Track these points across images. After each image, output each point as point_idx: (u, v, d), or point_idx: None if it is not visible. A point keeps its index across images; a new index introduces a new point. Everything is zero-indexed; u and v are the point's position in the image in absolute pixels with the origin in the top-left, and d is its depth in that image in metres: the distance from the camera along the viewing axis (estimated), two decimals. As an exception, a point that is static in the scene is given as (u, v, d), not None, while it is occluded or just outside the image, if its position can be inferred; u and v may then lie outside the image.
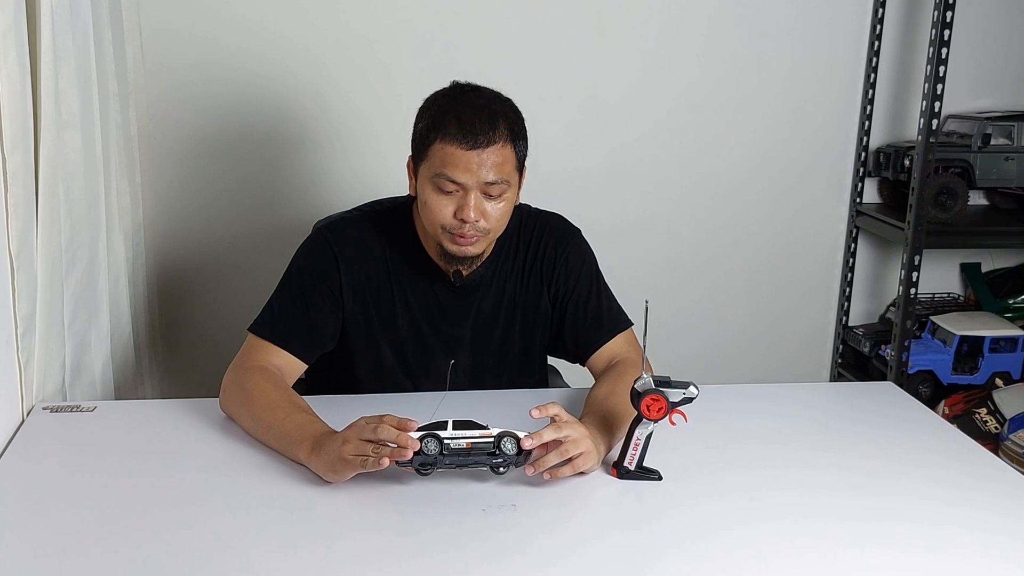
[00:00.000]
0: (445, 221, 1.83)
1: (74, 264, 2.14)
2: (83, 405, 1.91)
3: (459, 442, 1.54)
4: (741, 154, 3.28)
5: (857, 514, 1.57)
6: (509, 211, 1.88)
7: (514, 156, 1.84)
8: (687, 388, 1.60)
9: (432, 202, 1.83)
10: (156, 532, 1.45)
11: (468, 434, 1.54)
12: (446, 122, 1.80)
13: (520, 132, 1.87)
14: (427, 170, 1.83)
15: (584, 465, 1.61)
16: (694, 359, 3.32)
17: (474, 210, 1.81)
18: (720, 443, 1.81)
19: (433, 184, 1.82)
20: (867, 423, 1.95)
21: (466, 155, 1.78)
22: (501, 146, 1.80)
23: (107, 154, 2.35)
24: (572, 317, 2.04)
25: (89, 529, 1.46)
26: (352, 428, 1.56)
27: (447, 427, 1.54)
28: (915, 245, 3.00)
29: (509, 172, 1.83)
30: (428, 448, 1.52)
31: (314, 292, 1.93)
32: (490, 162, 1.79)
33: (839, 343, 3.50)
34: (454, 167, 1.79)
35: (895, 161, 3.15)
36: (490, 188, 1.81)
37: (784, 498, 1.61)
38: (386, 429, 1.52)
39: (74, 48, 2.10)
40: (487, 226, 1.84)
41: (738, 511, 1.56)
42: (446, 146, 1.79)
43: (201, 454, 1.72)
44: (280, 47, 2.95)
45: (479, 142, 1.78)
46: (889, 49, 3.26)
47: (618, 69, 3.14)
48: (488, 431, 1.55)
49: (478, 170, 1.79)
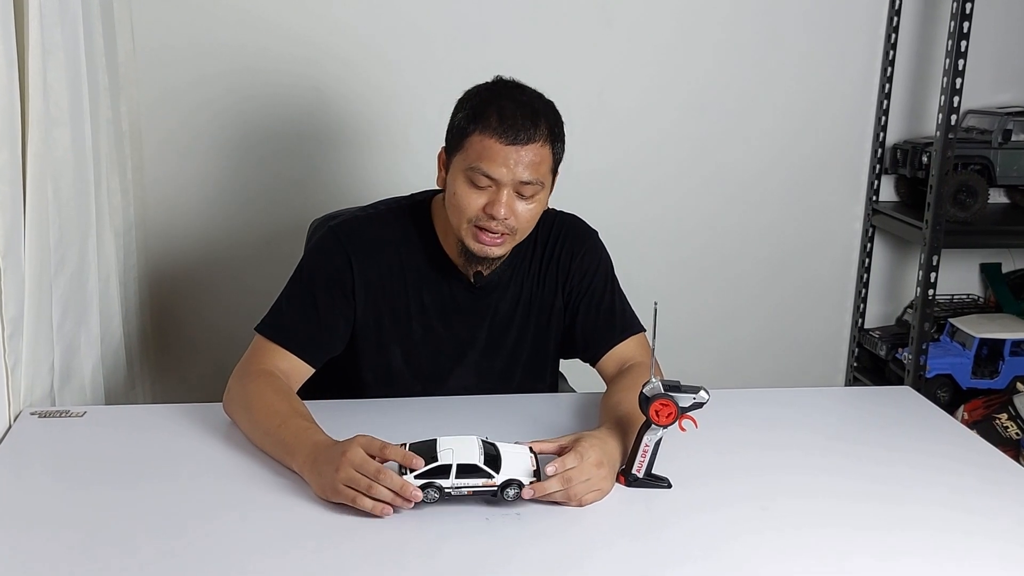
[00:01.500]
0: (472, 213, 1.83)
1: (63, 264, 2.14)
2: (72, 410, 1.91)
3: (460, 490, 1.53)
4: (753, 152, 3.28)
5: (873, 523, 1.56)
6: (539, 213, 1.89)
7: (551, 157, 1.86)
8: (697, 393, 1.60)
9: (462, 194, 1.83)
10: (149, 543, 1.45)
11: (471, 483, 1.53)
12: (487, 115, 1.81)
13: (559, 134, 1.88)
14: (461, 162, 1.83)
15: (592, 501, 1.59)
16: (705, 363, 3.32)
17: (505, 207, 1.81)
18: (732, 450, 1.81)
19: (466, 177, 1.82)
20: (883, 429, 1.95)
21: (504, 150, 1.79)
22: (540, 145, 1.81)
23: (97, 151, 2.35)
24: (584, 317, 2.04)
25: (78, 539, 1.45)
26: (351, 456, 1.53)
27: (450, 472, 1.52)
28: (933, 245, 2.99)
29: (544, 173, 1.84)
30: (428, 498, 1.51)
31: (325, 294, 1.93)
32: (527, 160, 1.80)
33: (854, 346, 3.49)
34: (491, 161, 1.79)
35: (912, 158, 3.14)
36: (524, 188, 1.82)
37: (798, 507, 1.61)
38: (388, 477, 1.50)
39: (63, 41, 2.10)
40: (516, 225, 1.84)
41: (750, 520, 1.56)
42: (485, 139, 1.80)
43: (195, 461, 1.72)
44: (278, 39, 2.95)
45: (519, 138, 1.79)
46: (906, 42, 3.26)
47: (627, 66, 3.14)
48: (492, 480, 1.53)
49: (515, 167, 1.79)
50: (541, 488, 1.55)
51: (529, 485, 1.54)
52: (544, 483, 1.55)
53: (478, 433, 1.60)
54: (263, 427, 1.72)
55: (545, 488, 1.55)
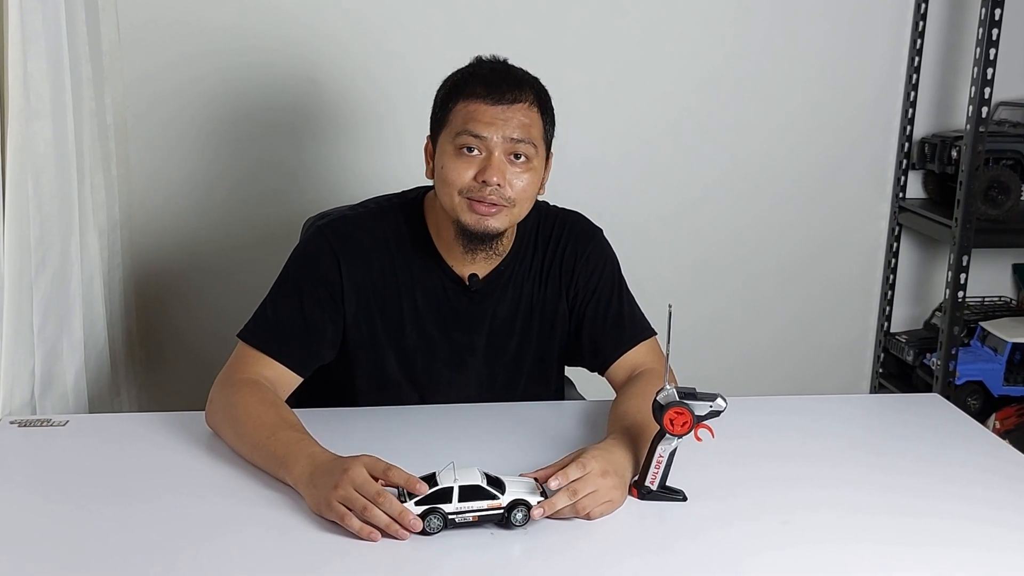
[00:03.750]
0: (463, 183, 1.82)
1: (44, 265, 2.14)
2: (54, 419, 1.90)
3: (465, 516, 1.51)
4: (772, 145, 3.27)
5: (900, 538, 1.56)
6: (534, 186, 1.88)
7: (541, 124, 1.86)
8: (714, 401, 1.59)
9: (451, 165, 1.83)
10: (133, 560, 1.44)
11: (475, 507, 1.51)
12: (469, 83, 1.84)
13: (548, 106, 1.89)
14: (448, 135, 1.84)
15: (603, 514, 1.59)
16: (722, 369, 3.31)
17: (497, 172, 1.81)
18: (750, 461, 1.81)
19: (454, 147, 1.83)
20: (911, 439, 1.95)
21: (491, 110, 1.81)
22: (528, 106, 1.83)
23: (80, 145, 2.35)
24: (591, 323, 2.03)
25: (59, 556, 1.45)
26: (353, 475, 1.51)
27: (452, 495, 1.51)
28: (963, 244, 2.99)
29: (536, 137, 1.84)
30: (431, 527, 1.49)
31: (312, 297, 1.92)
32: (516, 120, 1.81)
33: (880, 351, 3.49)
34: (477, 121, 1.81)
35: (941, 152, 3.14)
36: (516, 147, 1.82)
37: (820, 521, 1.60)
38: (388, 501, 1.48)
39: (44, 28, 2.10)
40: (511, 194, 1.83)
41: (770, 535, 1.56)
42: (469, 103, 1.82)
43: (183, 474, 1.71)
44: (272, 26, 2.95)
45: (505, 98, 1.81)
46: (935, 29, 3.25)
47: (637, 53, 3.14)
48: (498, 501, 1.52)
49: (503, 126, 1.80)
50: (550, 505, 1.53)
51: (538, 504, 1.53)
52: (551, 500, 1.54)
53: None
54: (251, 439, 1.72)
55: (554, 504, 1.53)
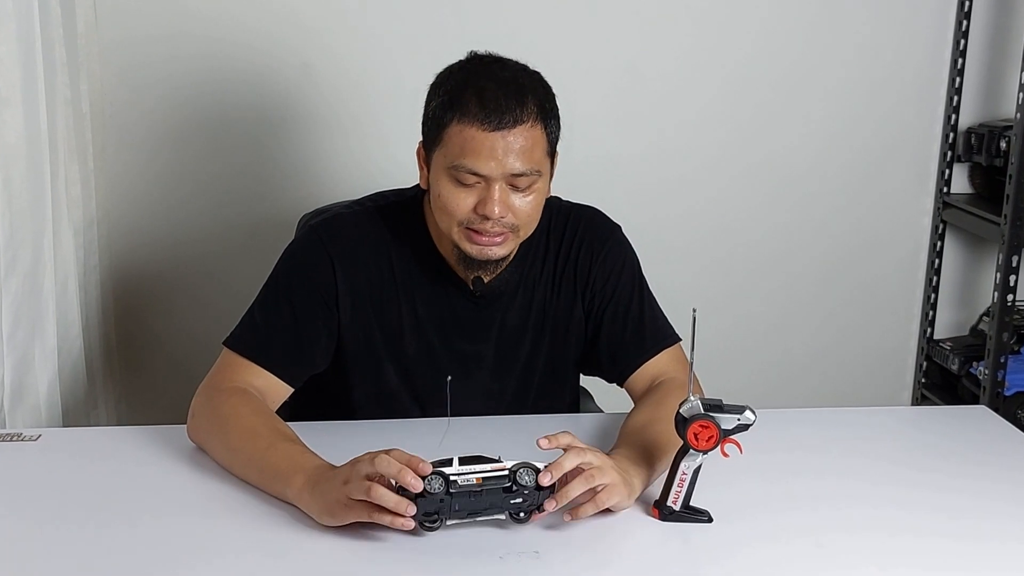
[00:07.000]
0: (462, 216, 1.82)
1: (15, 266, 2.15)
2: (25, 433, 1.91)
3: (468, 478, 1.52)
4: (805, 137, 3.28)
5: (945, 562, 1.56)
6: (540, 204, 1.87)
7: (545, 139, 1.84)
8: (742, 413, 1.59)
9: (448, 195, 1.82)
10: (111, 582, 1.45)
11: (477, 469, 1.53)
12: (464, 99, 1.79)
13: (551, 110, 1.86)
14: (442, 158, 1.82)
15: (609, 500, 1.59)
16: (751, 379, 3.31)
17: (499, 204, 1.79)
18: (781, 478, 1.81)
19: (449, 176, 1.81)
20: (956, 454, 1.94)
21: (489, 138, 1.77)
22: (530, 126, 1.80)
23: (54, 135, 2.36)
24: (610, 329, 2.03)
25: (32, 578, 1.45)
26: (353, 464, 1.53)
27: (452, 464, 1.52)
28: (1013, 243, 2.99)
29: (539, 159, 1.82)
30: (432, 487, 1.49)
31: (304, 302, 1.92)
32: (517, 147, 1.78)
33: (922, 360, 3.48)
34: (475, 155, 1.77)
35: (989, 143, 3.14)
36: (517, 180, 1.80)
37: (858, 543, 1.60)
38: (386, 461, 1.49)
39: (15, 9, 2.11)
40: (515, 222, 1.83)
41: (803, 559, 1.56)
42: (465, 128, 1.78)
43: (165, 491, 1.72)
44: (261, 8, 2.96)
45: (504, 122, 1.77)
46: (981, 11, 3.25)
47: (660, 38, 3.14)
48: (501, 463, 1.54)
49: (504, 157, 1.77)
50: (558, 466, 1.54)
51: (544, 469, 1.53)
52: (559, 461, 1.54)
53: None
54: (245, 452, 1.72)
55: (562, 466, 1.54)
